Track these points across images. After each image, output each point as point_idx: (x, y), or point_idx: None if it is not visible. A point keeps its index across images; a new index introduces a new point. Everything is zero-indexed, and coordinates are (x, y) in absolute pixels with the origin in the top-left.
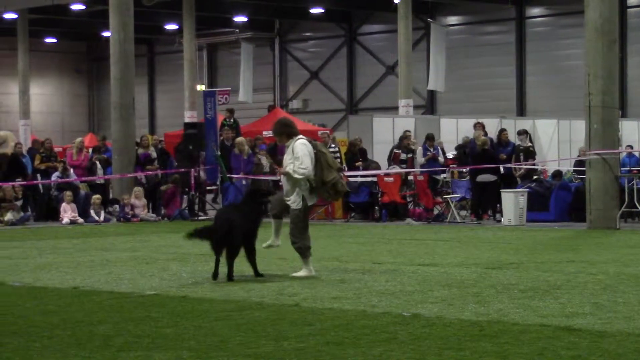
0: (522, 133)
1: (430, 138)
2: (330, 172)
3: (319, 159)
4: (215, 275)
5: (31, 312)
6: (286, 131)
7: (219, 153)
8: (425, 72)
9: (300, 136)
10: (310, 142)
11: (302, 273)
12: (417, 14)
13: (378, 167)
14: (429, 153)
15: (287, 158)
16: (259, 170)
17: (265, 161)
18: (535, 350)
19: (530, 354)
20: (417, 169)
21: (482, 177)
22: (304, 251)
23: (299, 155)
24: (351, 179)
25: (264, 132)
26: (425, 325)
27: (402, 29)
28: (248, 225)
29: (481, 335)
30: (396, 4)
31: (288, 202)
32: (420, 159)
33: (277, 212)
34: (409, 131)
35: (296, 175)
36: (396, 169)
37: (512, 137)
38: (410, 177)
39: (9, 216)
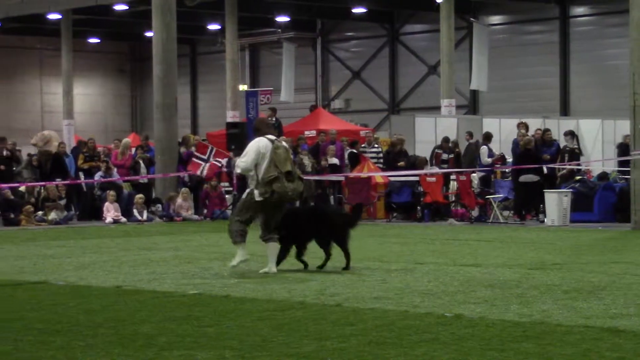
0: (569, 134)
1: (488, 137)
2: (273, 170)
3: (271, 158)
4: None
5: (75, 311)
6: (257, 130)
7: None
8: (468, 72)
9: (268, 136)
10: (272, 141)
11: (237, 260)
12: (459, 13)
13: (425, 162)
14: (493, 153)
15: None
16: (301, 170)
17: (307, 161)
18: (578, 352)
19: (574, 355)
20: (458, 169)
21: (524, 178)
22: (231, 235)
23: (246, 151)
24: (393, 179)
25: (306, 132)
26: (468, 325)
27: (445, 29)
28: None
29: (524, 337)
30: (439, 3)
31: None
32: (485, 158)
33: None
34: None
35: (237, 169)
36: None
37: (556, 137)
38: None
39: (53, 215)
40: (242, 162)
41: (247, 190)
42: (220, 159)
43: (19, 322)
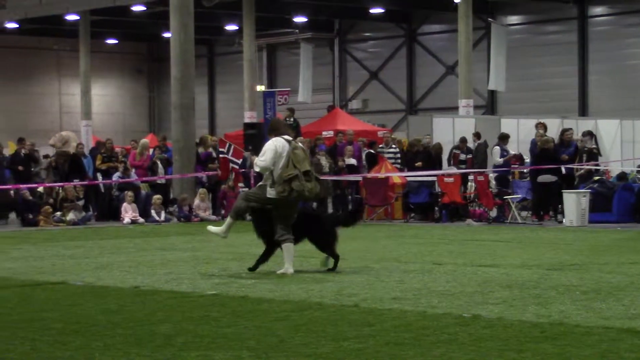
0: (587, 134)
1: (504, 138)
2: (292, 169)
3: (289, 157)
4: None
5: (93, 311)
6: (274, 130)
7: None
8: (486, 72)
9: (283, 136)
10: (289, 142)
11: (219, 229)
12: (477, 13)
13: (440, 148)
14: (506, 153)
15: None
16: (319, 170)
17: (324, 161)
18: (597, 353)
19: (593, 356)
20: (475, 170)
21: (542, 178)
22: (233, 209)
23: (264, 150)
24: (410, 180)
25: (324, 133)
26: (486, 326)
27: (463, 29)
28: None
29: (542, 337)
30: (456, 3)
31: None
32: (497, 158)
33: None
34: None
35: (256, 168)
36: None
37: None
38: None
39: (71, 216)
40: (262, 161)
41: (260, 183)
42: (236, 159)
43: (38, 322)
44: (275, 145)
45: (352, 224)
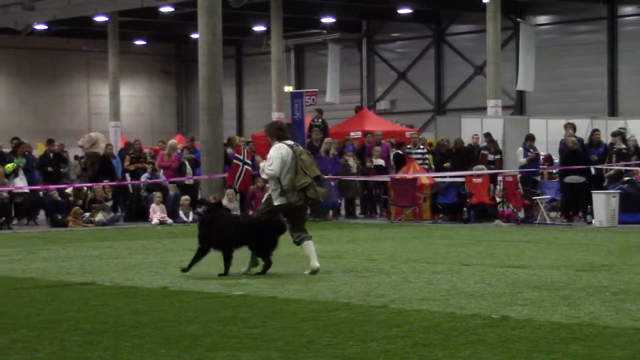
0: (617, 135)
1: (530, 138)
2: (303, 177)
3: (296, 164)
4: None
5: (121, 312)
6: (277, 134)
7: None
8: (514, 72)
9: (286, 141)
10: (292, 147)
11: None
12: (506, 13)
13: (461, 142)
14: (529, 153)
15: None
16: (347, 171)
17: (352, 162)
18: (627, 355)
19: (623, 358)
20: (509, 170)
21: (569, 179)
22: None
23: (270, 157)
24: (438, 180)
25: (351, 133)
26: (515, 327)
27: (491, 29)
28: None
29: (572, 339)
30: (485, 3)
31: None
32: (521, 159)
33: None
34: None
35: (263, 175)
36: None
37: (604, 138)
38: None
39: (99, 216)
40: (270, 169)
41: (266, 195)
42: (249, 161)
43: (67, 322)
44: (281, 153)
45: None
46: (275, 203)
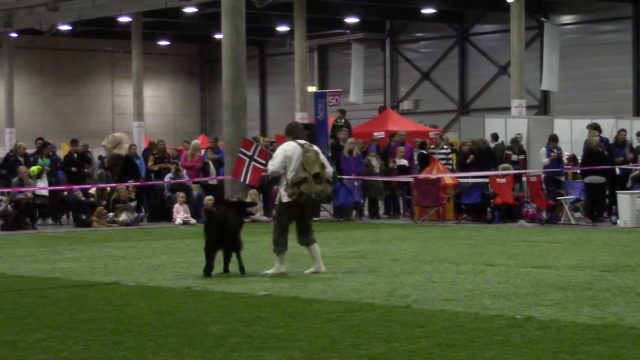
0: None
1: (553, 139)
2: (301, 172)
3: (300, 161)
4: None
5: (145, 312)
6: (291, 133)
7: (330, 154)
8: (539, 72)
9: (298, 140)
10: (302, 145)
11: (272, 270)
12: (530, 13)
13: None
14: (552, 154)
15: None
16: (370, 171)
17: (375, 162)
18: None
19: None
20: (533, 171)
21: (589, 179)
22: (273, 242)
23: (275, 154)
24: (462, 180)
25: (375, 134)
26: (539, 328)
27: (515, 29)
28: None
29: (596, 339)
30: (509, 3)
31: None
32: (544, 159)
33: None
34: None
35: (268, 172)
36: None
37: (630, 138)
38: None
39: (123, 217)
40: (271, 165)
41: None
42: (261, 159)
43: (91, 322)
44: (284, 150)
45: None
46: (284, 200)
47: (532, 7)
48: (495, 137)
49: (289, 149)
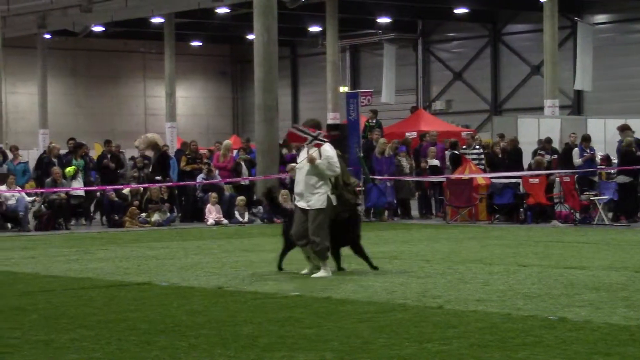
0: None
1: (586, 139)
2: (350, 177)
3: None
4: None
5: (178, 312)
6: (320, 128)
7: (362, 155)
8: (572, 72)
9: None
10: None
11: (321, 273)
12: (563, 12)
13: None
14: (585, 154)
15: (304, 157)
16: (400, 171)
17: (405, 162)
18: None
19: None
20: (564, 171)
21: (618, 179)
22: (324, 253)
23: (330, 155)
24: (495, 180)
25: (407, 134)
26: (573, 329)
27: (548, 28)
28: None
29: (631, 340)
30: (542, 2)
31: (302, 204)
32: (577, 160)
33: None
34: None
35: (329, 172)
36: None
37: None
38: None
39: (155, 217)
40: (337, 167)
41: (316, 199)
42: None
43: (124, 322)
44: (334, 152)
45: None
46: (334, 203)
47: (565, 6)
48: (501, 136)
49: (335, 151)
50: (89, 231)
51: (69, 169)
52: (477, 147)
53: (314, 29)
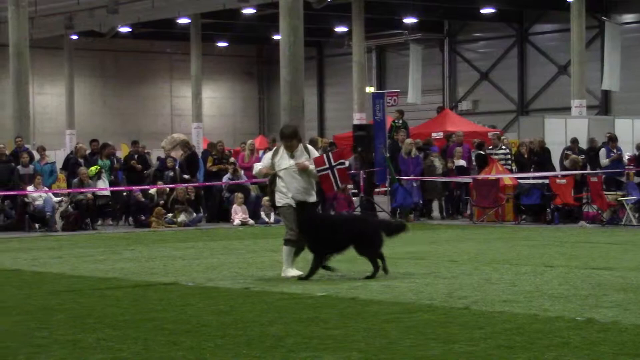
0: None
1: (613, 139)
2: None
3: None
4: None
5: (204, 312)
6: (298, 137)
7: (388, 155)
8: (599, 72)
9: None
10: None
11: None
12: (590, 12)
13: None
14: (612, 154)
15: (300, 158)
16: (431, 171)
17: (437, 163)
18: None
19: None
20: (592, 171)
21: (638, 179)
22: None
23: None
24: (522, 181)
25: (433, 134)
26: (600, 330)
27: (576, 28)
28: None
29: None
30: (569, 2)
31: (301, 198)
32: (603, 160)
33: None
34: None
35: (315, 177)
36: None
37: None
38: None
39: (182, 217)
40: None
41: (312, 193)
42: (337, 160)
43: (150, 322)
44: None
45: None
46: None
47: (592, 5)
48: (574, 141)
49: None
50: (115, 231)
51: (92, 169)
52: (504, 147)
53: (340, 29)
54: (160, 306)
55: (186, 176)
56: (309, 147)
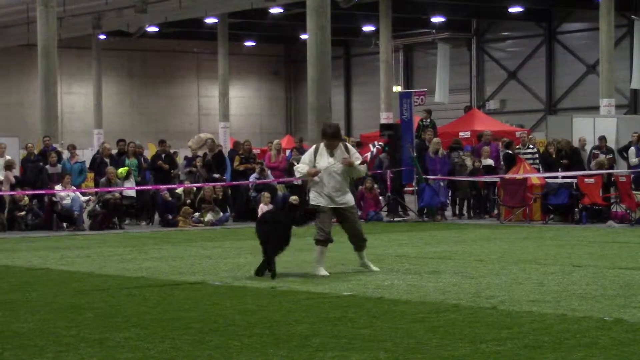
0: None
1: None
2: None
3: None
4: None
5: (231, 311)
6: (340, 135)
7: (415, 154)
8: (629, 71)
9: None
10: None
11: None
12: (619, 10)
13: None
14: None
15: (337, 159)
16: (462, 171)
17: (469, 162)
18: None
19: None
20: (623, 170)
21: None
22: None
23: (359, 157)
24: (549, 180)
25: (460, 134)
26: (629, 330)
27: (604, 27)
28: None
29: None
30: (598, 1)
31: (340, 199)
32: (633, 159)
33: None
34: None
35: (362, 173)
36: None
37: None
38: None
39: (209, 217)
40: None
41: (349, 197)
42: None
43: (177, 321)
44: None
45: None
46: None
47: (621, 4)
48: (601, 139)
49: None
50: (142, 231)
51: (121, 170)
52: (532, 146)
53: (368, 28)
54: (187, 305)
55: (216, 175)
56: (349, 145)
